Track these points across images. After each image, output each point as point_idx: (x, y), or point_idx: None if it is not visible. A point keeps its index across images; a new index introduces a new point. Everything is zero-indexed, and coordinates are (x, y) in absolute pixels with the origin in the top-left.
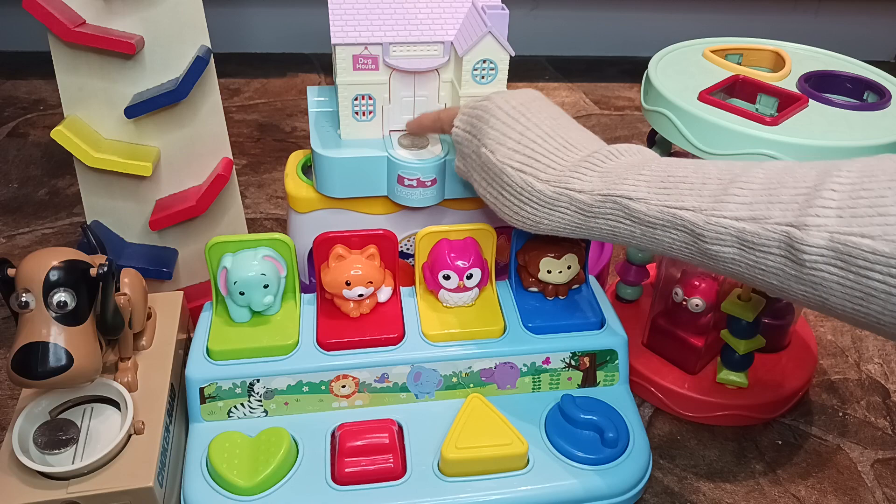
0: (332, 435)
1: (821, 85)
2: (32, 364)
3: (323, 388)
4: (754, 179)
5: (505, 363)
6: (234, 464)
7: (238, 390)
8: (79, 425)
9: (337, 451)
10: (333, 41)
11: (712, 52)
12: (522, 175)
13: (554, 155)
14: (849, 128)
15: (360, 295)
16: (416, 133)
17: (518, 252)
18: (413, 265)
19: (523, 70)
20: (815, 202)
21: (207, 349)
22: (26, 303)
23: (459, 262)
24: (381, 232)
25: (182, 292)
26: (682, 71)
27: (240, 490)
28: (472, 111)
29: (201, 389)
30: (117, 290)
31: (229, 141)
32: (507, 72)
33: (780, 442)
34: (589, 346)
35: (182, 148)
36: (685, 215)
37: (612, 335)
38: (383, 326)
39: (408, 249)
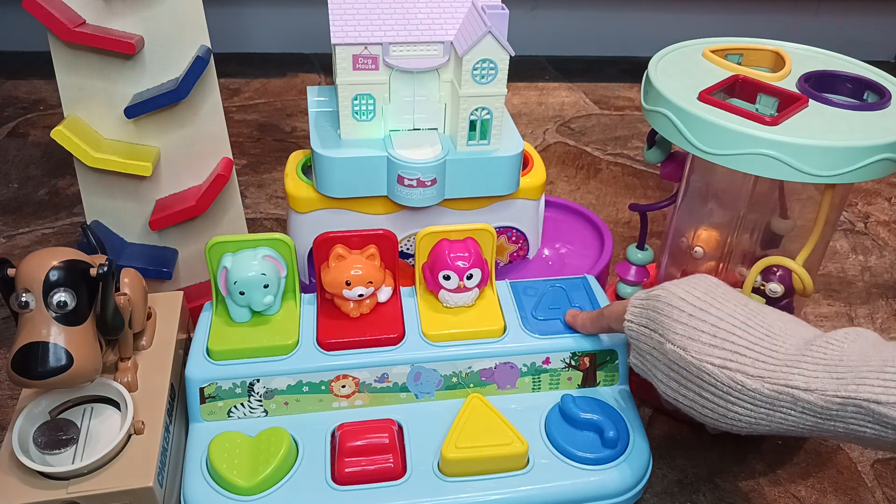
0: (332, 435)
1: (821, 85)
2: (32, 364)
3: (323, 388)
4: None
5: (505, 363)
6: (234, 464)
7: (238, 390)
8: (79, 425)
9: (337, 451)
10: (333, 41)
11: (712, 52)
12: (728, 372)
13: (760, 346)
14: (849, 128)
15: (360, 295)
16: (576, 328)
17: None
18: (413, 265)
19: (523, 70)
20: None
21: (207, 349)
22: (26, 303)
23: (459, 263)
24: (381, 232)
25: (182, 292)
26: (682, 71)
27: (240, 490)
28: (646, 303)
29: (201, 389)
30: (117, 290)
31: (229, 141)
32: (507, 72)
33: (780, 442)
34: (589, 346)
35: (182, 148)
36: None
37: (612, 336)
38: (383, 326)
39: (408, 249)
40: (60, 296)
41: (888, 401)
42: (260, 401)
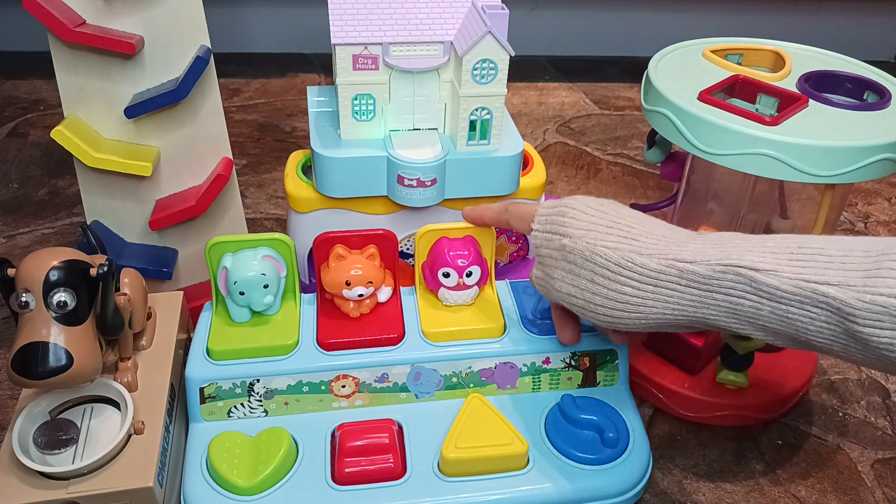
0: (332, 435)
1: (821, 85)
2: (32, 364)
3: (323, 388)
4: None
5: (505, 363)
6: (234, 464)
7: (238, 390)
8: (79, 425)
9: (337, 451)
10: (333, 41)
11: (712, 52)
12: (620, 252)
13: (654, 235)
14: (849, 128)
15: (360, 295)
16: (475, 224)
17: None
18: (413, 265)
19: (523, 70)
20: None
21: (207, 349)
22: (26, 303)
23: (459, 261)
24: (381, 232)
25: (182, 292)
26: (682, 71)
27: (240, 490)
28: (553, 210)
29: (201, 389)
30: (117, 290)
31: (229, 141)
32: (507, 72)
33: (780, 442)
34: (589, 346)
35: (182, 148)
36: (829, 291)
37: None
38: (383, 326)
39: (408, 249)
40: (60, 296)
41: (765, 268)
42: (260, 401)
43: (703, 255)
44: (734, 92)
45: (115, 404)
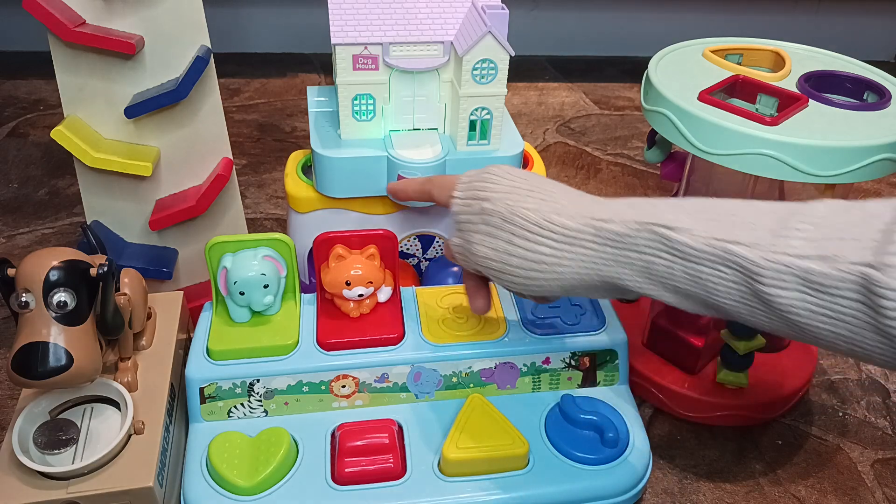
0: (332, 435)
1: (821, 85)
2: (32, 364)
3: (323, 388)
4: (816, 213)
5: (505, 363)
6: (234, 464)
7: (238, 390)
8: (79, 425)
9: (337, 451)
10: (333, 41)
11: (712, 52)
12: (538, 213)
13: (568, 196)
14: (849, 128)
15: (360, 295)
16: (400, 200)
17: None
18: (412, 265)
19: (523, 70)
20: (895, 238)
21: (207, 349)
22: (26, 303)
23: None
24: (381, 232)
25: (182, 292)
26: (682, 71)
27: (240, 490)
28: (473, 177)
29: (201, 389)
30: (117, 290)
31: (229, 141)
32: (507, 72)
33: (780, 442)
34: (589, 346)
35: (182, 148)
36: (738, 250)
37: (612, 335)
38: (383, 326)
39: (408, 249)
40: (60, 296)
41: (679, 226)
42: (260, 401)
43: (619, 214)
44: (734, 92)
45: (115, 404)
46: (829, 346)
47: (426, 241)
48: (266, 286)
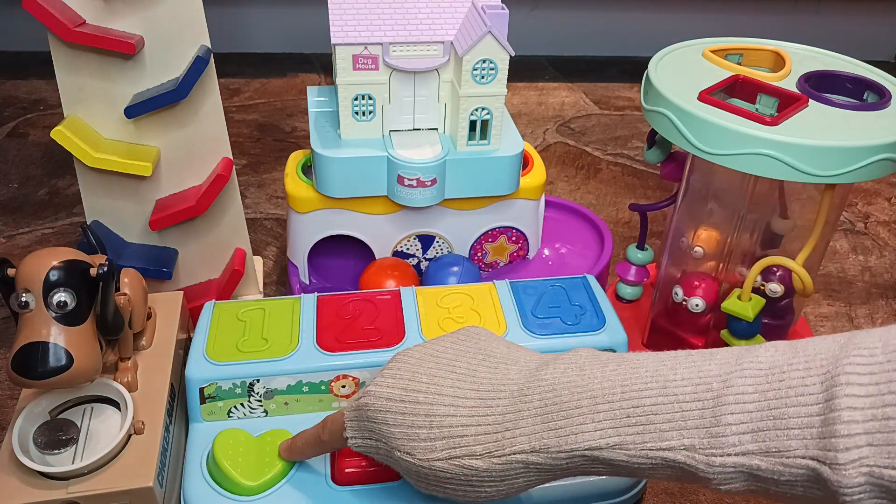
0: None
1: (821, 85)
2: (32, 364)
3: (323, 388)
4: (744, 393)
5: None
6: (238, 462)
7: (238, 390)
8: (79, 425)
9: (337, 451)
10: (333, 41)
11: (712, 52)
12: (457, 461)
13: (477, 416)
14: (849, 128)
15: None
16: (294, 459)
17: None
18: (412, 265)
19: (523, 70)
20: (836, 428)
21: (207, 349)
22: (26, 303)
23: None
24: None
25: (182, 292)
26: (682, 71)
27: (240, 489)
28: (358, 413)
29: (201, 389)
30: (117, 290)
31: (229, 141)
32: (507, 72)
33: None
34: (589, 345)
35: (182, 148)
36: (678, 458)
37: (612, 335)
38: (383, 326)
39: (408, 249)
40: (60, 296)
41: (606, 444)
42: (260, 401)
43: (540, 442)
44: (734, 92)
45: (115, 404)
46: None
47: (426, 241)
48: None
